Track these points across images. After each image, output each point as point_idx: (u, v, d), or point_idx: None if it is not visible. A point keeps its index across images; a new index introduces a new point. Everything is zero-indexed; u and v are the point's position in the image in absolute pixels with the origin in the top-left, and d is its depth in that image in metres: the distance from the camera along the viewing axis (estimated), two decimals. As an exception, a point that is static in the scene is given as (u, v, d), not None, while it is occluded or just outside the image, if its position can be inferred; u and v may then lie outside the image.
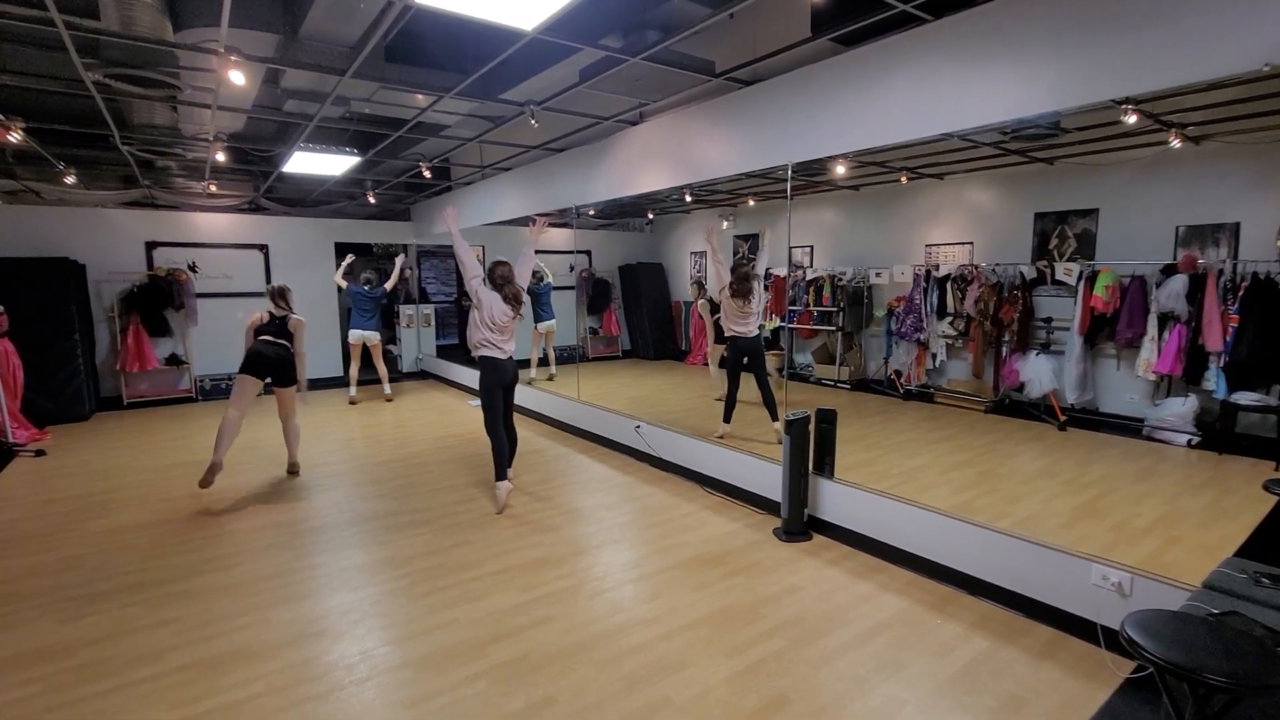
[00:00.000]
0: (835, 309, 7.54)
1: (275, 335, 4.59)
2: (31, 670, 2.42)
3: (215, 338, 8.01)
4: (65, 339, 6.56)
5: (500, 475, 4.09)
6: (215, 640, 2.61)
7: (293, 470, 4.88)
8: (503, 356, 4.06)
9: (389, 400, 7.70)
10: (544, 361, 8.49)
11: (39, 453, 5.43)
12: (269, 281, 8.38)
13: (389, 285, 7.38)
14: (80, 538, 3.66)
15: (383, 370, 7.68)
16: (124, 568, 3.28)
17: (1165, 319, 5.12)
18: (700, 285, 7.44)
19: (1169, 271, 5.12)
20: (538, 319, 8.02)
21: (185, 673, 2.40)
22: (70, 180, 6.30)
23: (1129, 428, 5.42)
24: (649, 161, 4.94)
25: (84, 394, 6.69)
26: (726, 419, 5.11)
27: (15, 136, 4.74)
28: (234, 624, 2.73)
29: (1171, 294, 5.04)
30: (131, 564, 3.32)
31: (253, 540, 3.62)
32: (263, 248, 8.38)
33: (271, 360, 4.49)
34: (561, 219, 8.09)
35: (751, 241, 8.65)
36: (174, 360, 7.72)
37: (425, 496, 4.33)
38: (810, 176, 6.72)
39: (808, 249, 8.34)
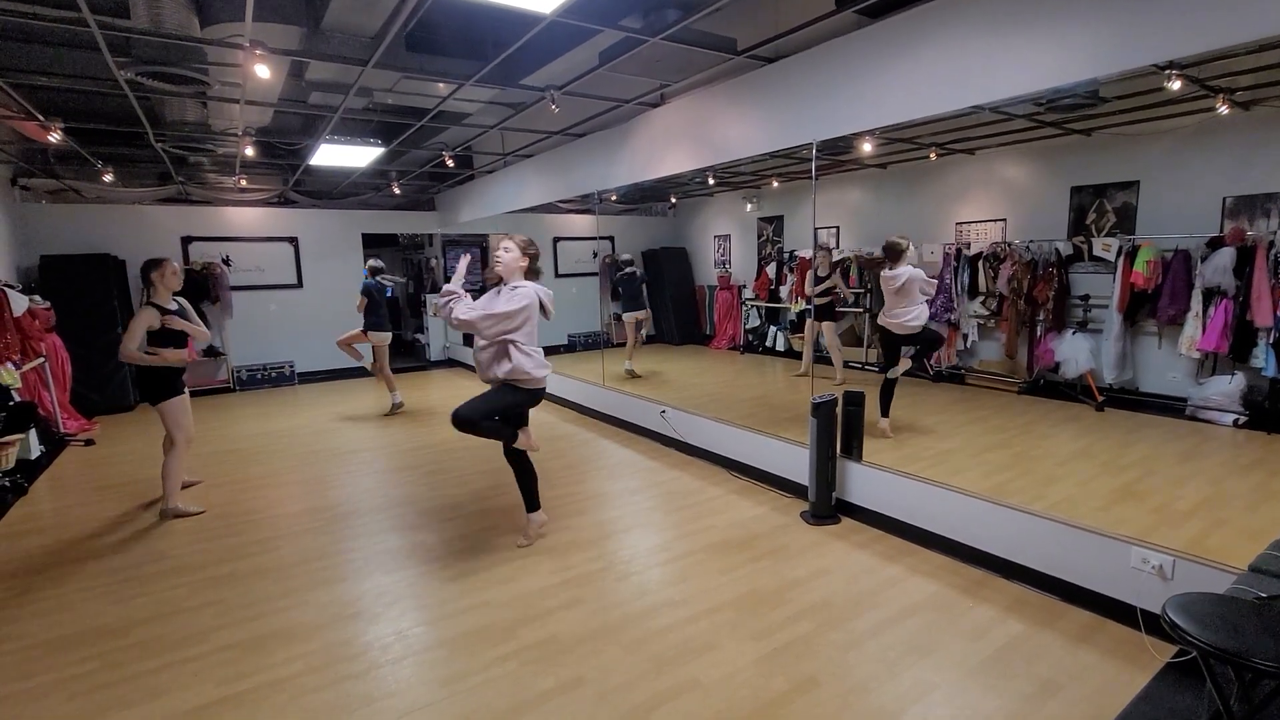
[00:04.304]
0: (862, 290, 7.41)
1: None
2: (90, 648, 2.54)
3: (250, 329, 8.25)
4: (109, 333, 6.79)
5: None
6: (257, 621, 2.71)
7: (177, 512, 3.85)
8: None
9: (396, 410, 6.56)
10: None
11: (88, 442, 5.66)
12: (299, 273, 8.60)
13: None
14: (129, 523, 3.82)
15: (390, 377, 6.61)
16: (171, 551, 3.41)
17: (1210, 294, 4.91)
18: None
19: (1215, 245, 4.91)
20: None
21: (230, 651, 2.50)
22: (108, 178, 6.50)
23: (1171, 408, 5.24)
24: (671, 144, 4.89)
25: (128, 385, 6.94)
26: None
27: (55, 137, 4.90)
28: (275, 605, 2.83)
29: (1217, 268, 4.83)
30: (177, 547, 3.46)
31: (290, 525, 3.73)
32: (293, 240, 8.55)
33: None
34: (583, 204, 8.07)
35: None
36: (211, 352, 7.95)
37: (455, 482, 4.40)
38: (836, 155, 6.57)
39: (833, 230, 8.19)
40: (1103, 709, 2.06)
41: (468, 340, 9.84)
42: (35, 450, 4.94)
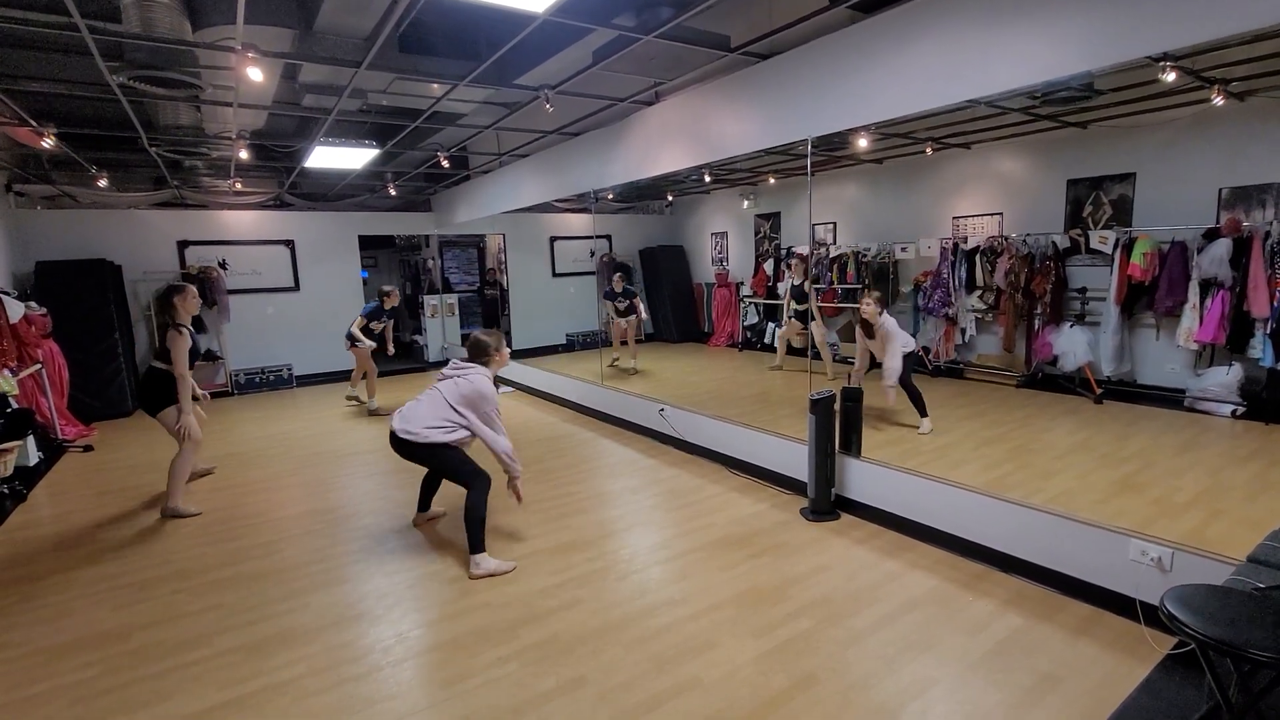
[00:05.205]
0: (860, 286, 7.41)
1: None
2: (91, 653, 2.54)
3: (248, 332, 8.24)
4: (106, 338, 6.78)
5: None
6: (259, 624, 2.71)
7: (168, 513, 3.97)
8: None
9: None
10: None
11: (87, 448, 5.66)
12: (296, 276, 8.59)
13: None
14: (129, 528, 3.82)
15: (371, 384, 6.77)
16: (171, 556, 3.41)
17: (1207, 285, 4.92)
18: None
19: (1211, 236, 4.91)
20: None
21: (232, 655, 2.50)
22: (103, 183, 6.48)
23: (1169, 399, 5.25)
24: (666, 142, 4.88)
25: (126, 391, 6.93)
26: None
27: (49, 142, 4.87)
28: (276, 608, 2.83)
29: (1214, 259, 4.84)
30: (178, 552, 3.46)
31: (290, 528, 3.73)
32: (289, 243, 8.53)
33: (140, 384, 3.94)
34: (580, 203, 8.06)
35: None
36: (209, 356, 7.94)
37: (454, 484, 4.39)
38: (831, 151, 6.58)
39: (830, 225, 8.19)
40: (1102, 702, 2.07)
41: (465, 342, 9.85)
42: (33, 457, 4.94)
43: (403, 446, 3.19)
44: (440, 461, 3.21)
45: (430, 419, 3.14)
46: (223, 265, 8.04)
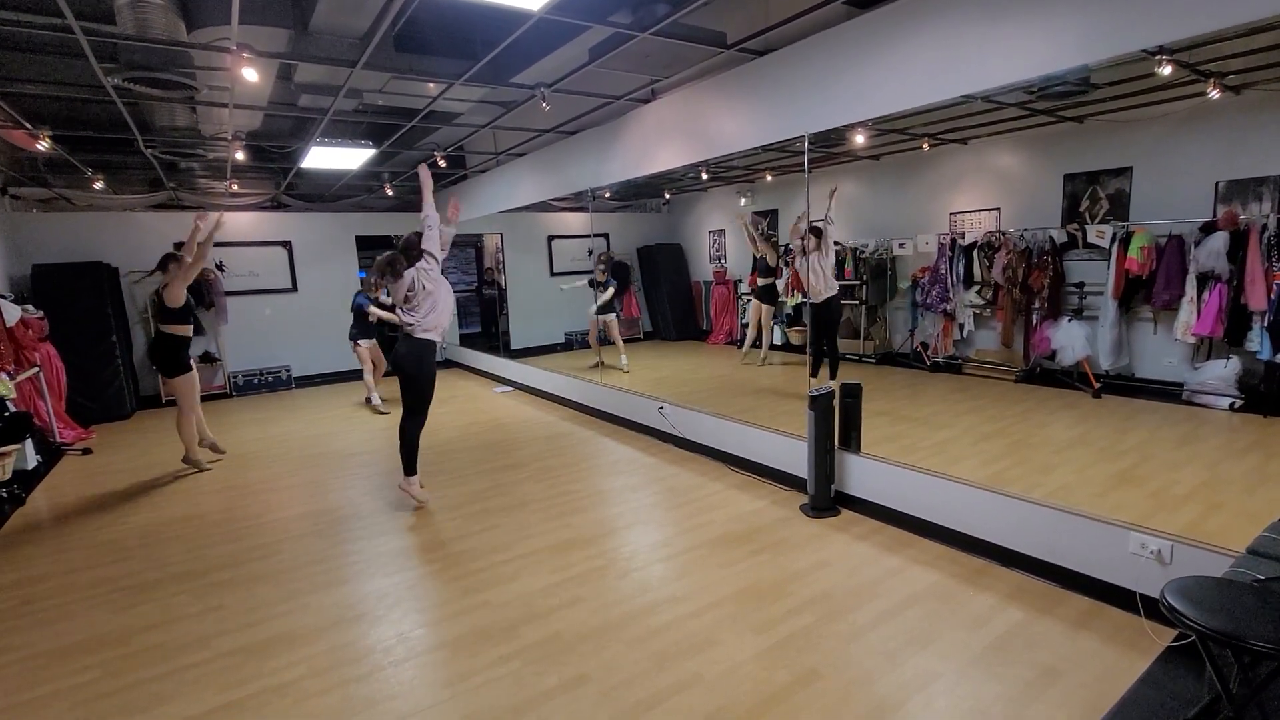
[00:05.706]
0: (858, 282, 7.41)
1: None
2: (90, 657, 2.54)
3: (246, 334, 8.23)
4: (104, 341, 6.77)
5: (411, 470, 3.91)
6: (259, 626, 2.70)
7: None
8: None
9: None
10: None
11: (86, 451, 5.65)
12: (293, 277, 8.58)
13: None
14: (129, 531, 3.81)
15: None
16: (171, 558, 3.41)
17: (1205, 279, 4.92)
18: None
19: (1208, 229, 4.91)
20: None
21: (232, 657, 2.49)
22: (99, 186, 6.47)
23: (1167, 393, 5.25)
24: (663, 140, 4.87)
25: (125, 393, 6.92)
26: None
27: (44, 145, 4.86)
28: (276, 610, 2.83)
29: (1211, 252, 4.84)
30: (178, 555, 3.45)
31: (290, 529, 3.73)
32: (286, 244, 8.51)
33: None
34: (577, 202, 8.06)
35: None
36: (207, 358, 7.93)
37: (454, 483, 4.40)
38: (829, 147, 6.57)
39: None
40: (1103, 694, 2.07)
41: (465, 341, 9.83)
42: (32, 460, 4.92)
43: (415, 347, 3.78)
44: (419, 372, 3.80)
45: (434, 313, 3.83)
46: (220, 267, 8.02)
